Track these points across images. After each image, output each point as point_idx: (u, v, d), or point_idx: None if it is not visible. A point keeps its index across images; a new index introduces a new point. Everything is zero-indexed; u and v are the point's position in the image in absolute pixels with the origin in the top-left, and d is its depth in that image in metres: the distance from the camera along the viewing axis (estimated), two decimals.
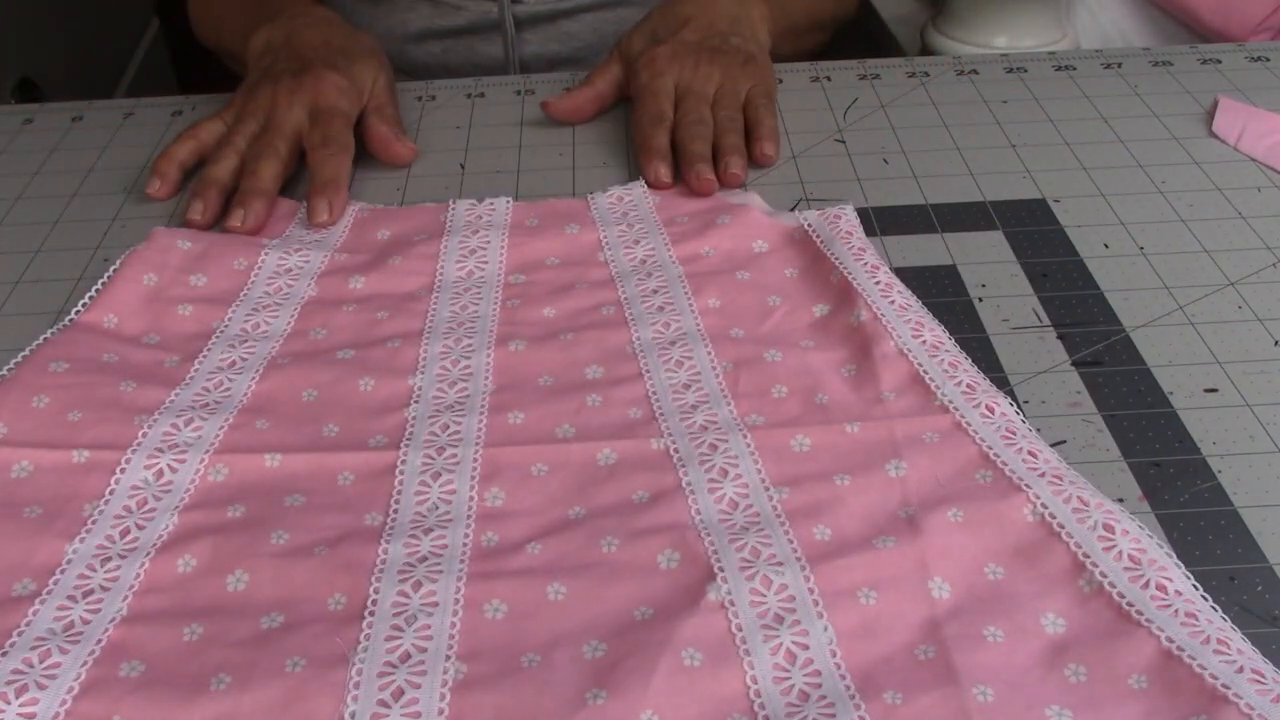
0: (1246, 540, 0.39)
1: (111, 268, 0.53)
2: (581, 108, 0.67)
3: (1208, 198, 0.58)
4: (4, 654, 0.35)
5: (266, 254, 0.54)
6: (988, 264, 0.54)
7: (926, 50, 0.86)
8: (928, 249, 0.55)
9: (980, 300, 0.51)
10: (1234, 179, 0.59)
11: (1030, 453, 0.41)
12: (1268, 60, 0.70)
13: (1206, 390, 0.46)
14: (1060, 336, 0.49)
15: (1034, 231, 0.56)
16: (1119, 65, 0.71)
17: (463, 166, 0.64)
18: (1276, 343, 0.48)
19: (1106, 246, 0.54)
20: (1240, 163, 0.60)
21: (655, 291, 0.52)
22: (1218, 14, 0.82)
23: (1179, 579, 0.36)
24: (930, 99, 0.68)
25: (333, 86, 0.63)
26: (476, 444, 0.43)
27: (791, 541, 0.39)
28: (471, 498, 0.41)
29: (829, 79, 0.70)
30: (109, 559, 0.39)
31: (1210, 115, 0.64)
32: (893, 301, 0.49)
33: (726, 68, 0.65)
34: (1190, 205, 0.57)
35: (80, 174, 0.64)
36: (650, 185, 0.60)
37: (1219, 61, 0.71)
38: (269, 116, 0.62)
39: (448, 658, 0.35)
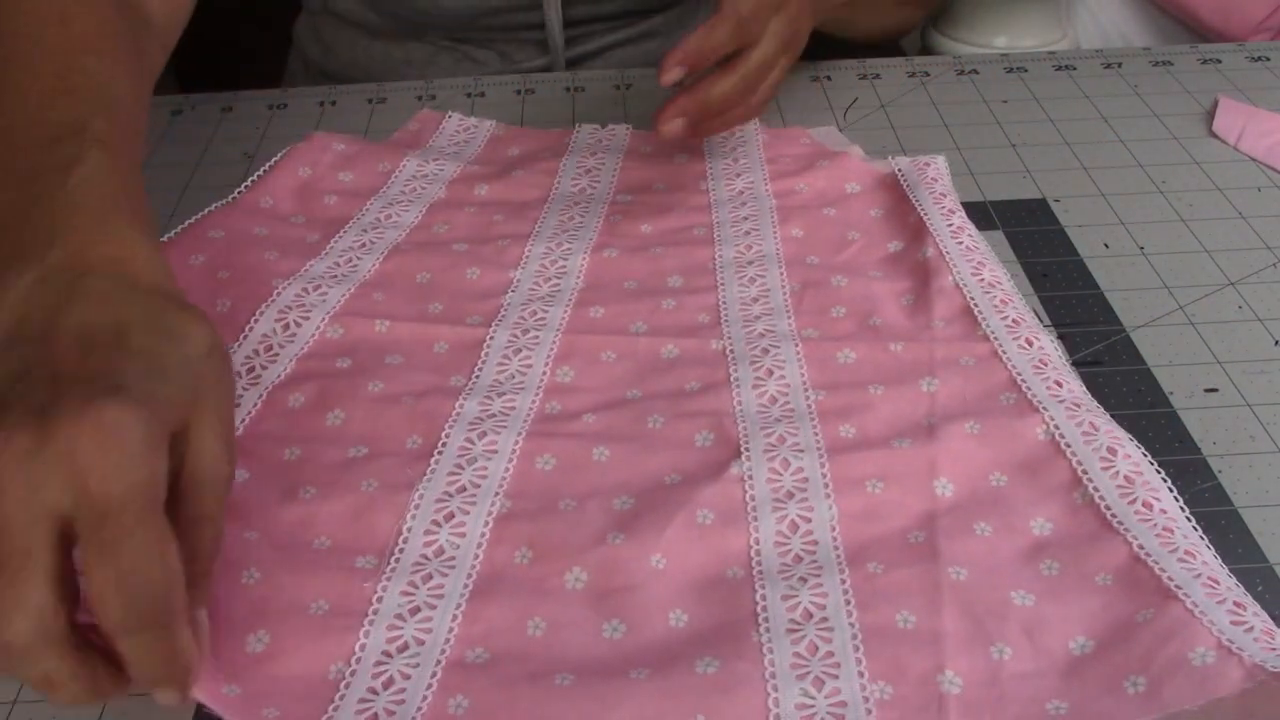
0: (1247, 540, 0.39)
1: (273, 159, 0.59)
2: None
3: (1208, 198, 0.58)
4: None
5: (408, 160, 0.61)
6: None
7: (926, 50, 0.86)
8: None
9: None
10: (1234, 179, 0.59)
11: (1056, 382, 0.44)
12: (1268, 60, 0.70)
13: (1206, 390, 0.46)
14: (1060, 336, 0.49)
15: (1034, 231, 0.56)
16: (1119, 65, 0.71)
17: None
18: (1276, 343, 0.48)
19: (1106, 246, 0.54)
20: (1240, 163, 0.60)
21: (745, 218, 0.55)
22: (1218, 14, 0.82)
23: (1167, 499, 0.39)
24: (930, 99, 0.68)
25: (114, 441, 0.30)
26: (557, 329, 0.49)
27: (817, 435, 0.42)
28: (544, 373, 0.47)
29: (829, 79, 0.70)
30: None
31: (1210, 115, 0.64)
32: (960, 243, 0.52)
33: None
34: (1190, 205, 0.57)
35: None
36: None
37: (1219, 61, 0.71)
38: None
39: (496, 494, 0.41)
